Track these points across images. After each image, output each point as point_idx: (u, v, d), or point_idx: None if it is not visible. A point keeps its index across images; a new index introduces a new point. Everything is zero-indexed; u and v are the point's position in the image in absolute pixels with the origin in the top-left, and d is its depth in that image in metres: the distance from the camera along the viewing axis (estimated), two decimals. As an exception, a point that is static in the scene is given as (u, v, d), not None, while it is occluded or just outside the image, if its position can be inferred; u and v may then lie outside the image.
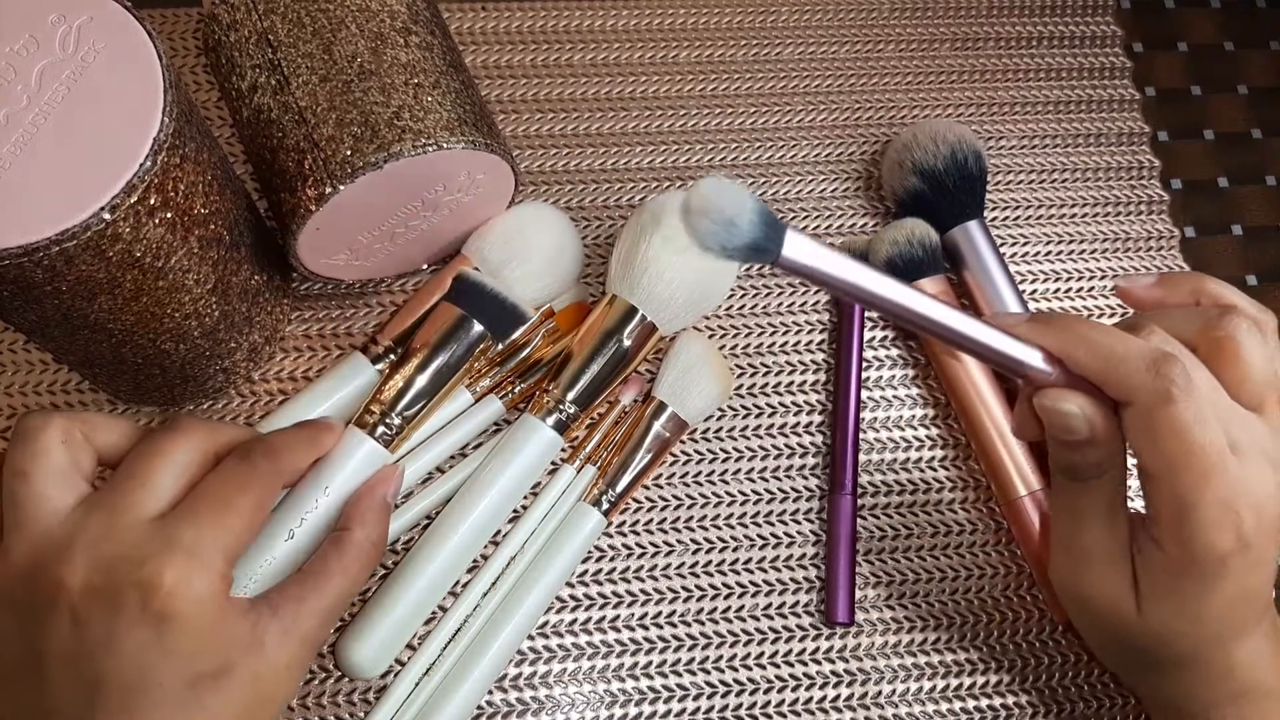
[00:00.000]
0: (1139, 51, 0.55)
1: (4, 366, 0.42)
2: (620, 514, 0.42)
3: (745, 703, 0.40)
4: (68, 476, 0.30)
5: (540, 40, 0.51)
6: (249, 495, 0.31)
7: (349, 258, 0.40)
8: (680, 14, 0.52)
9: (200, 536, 0.29)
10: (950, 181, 0.45)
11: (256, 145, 0.38)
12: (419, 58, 0.38)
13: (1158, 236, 0.50)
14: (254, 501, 0.31)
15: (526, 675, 0.40)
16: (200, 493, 0.30)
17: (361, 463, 0.37)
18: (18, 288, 0.29)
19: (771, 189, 0.49)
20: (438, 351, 0.39)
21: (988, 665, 0.42)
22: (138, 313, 0.33)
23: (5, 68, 0.29)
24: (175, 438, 0.31)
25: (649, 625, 0.41)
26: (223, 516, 0.30)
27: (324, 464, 0.36)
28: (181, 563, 0.28)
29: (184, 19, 0.48)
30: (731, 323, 0.46)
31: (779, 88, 0.51)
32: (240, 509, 0.30)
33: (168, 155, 0.30)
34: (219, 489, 0.30)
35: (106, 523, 0.29)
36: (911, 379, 0.46)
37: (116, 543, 0.28)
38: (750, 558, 0.42)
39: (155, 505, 0.30)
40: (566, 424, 0.41)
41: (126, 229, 0.29)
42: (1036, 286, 0.49)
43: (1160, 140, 0.53)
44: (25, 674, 0.28)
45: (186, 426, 0.31)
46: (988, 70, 0.53)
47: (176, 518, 0.29)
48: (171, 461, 0.30)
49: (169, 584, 0.28)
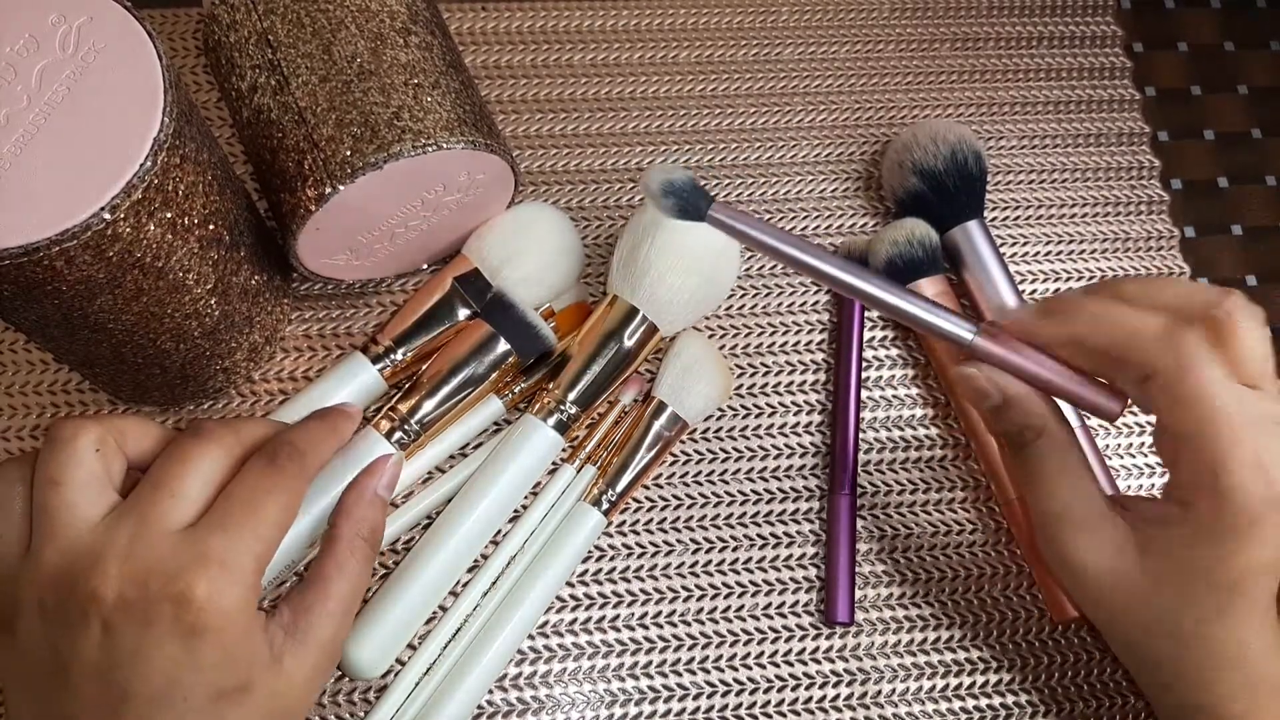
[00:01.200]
0: (1139, 51, 0.55)
1: (4, 366, 0.42)
2: (620, 514, 0.42)
3: (745, 702, 0.40)
4: (100, 485, 0.30)
5: (540, 40, 0.51)
6: (277, 499, 0.31)
7: (349, 258, 0.40)
8: (680, 14, 0.52)
9: (231, 546, 0.29)
10: (950, 182, 0.45)
11: (256, 145, 0.38)
12: (419, 58, 0.38)
13: (1158, 236, 0.50)
14: (282, 504, 0.31)
15: (527, 675, 0.40)
16: (229, 500, 0.30)
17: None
18: (18, 288, 0.29)
19: (771, 189, 0.49)
20: (464, 365, 0.40)
21: (988, 665, 0.42)
22: (138, 313, 0.33)
23: (5, 68, 0.30)
24: (202, 445, 0.31)
25: (649, 625, 0.41)
26: (253, 524, 0.30)
27: (339, 468, 0.37)
28: (215, 574, 0.28)
29: (184, 19, 0.48)
30: (731, 323, 0.46)
31: (779, 88, 0.51)
32: (269, 515, 0.30)
33: (168, 155, 0.30)
34: (247, 495, 0.30)
35: (138, 534, 0.29)
36: (911, 379, 0.46)
37: (149, 555, 0.28)
38: (750, 557, 0.42)
39: (185, 515, 0.30)
40: (567, 424, 0.41)
41: (127, 229, 0.29)
42: (1036, 286, 0.49)
43: (1160, 140, 0.53)
44: (51, 681, 0.28)
45: (212, 432, 0.31)
46: (988, 70, 0.53)
47: (207, 528, 0.29)
48: (199, 470, 0.30)
49: (201, 597, 0.28)
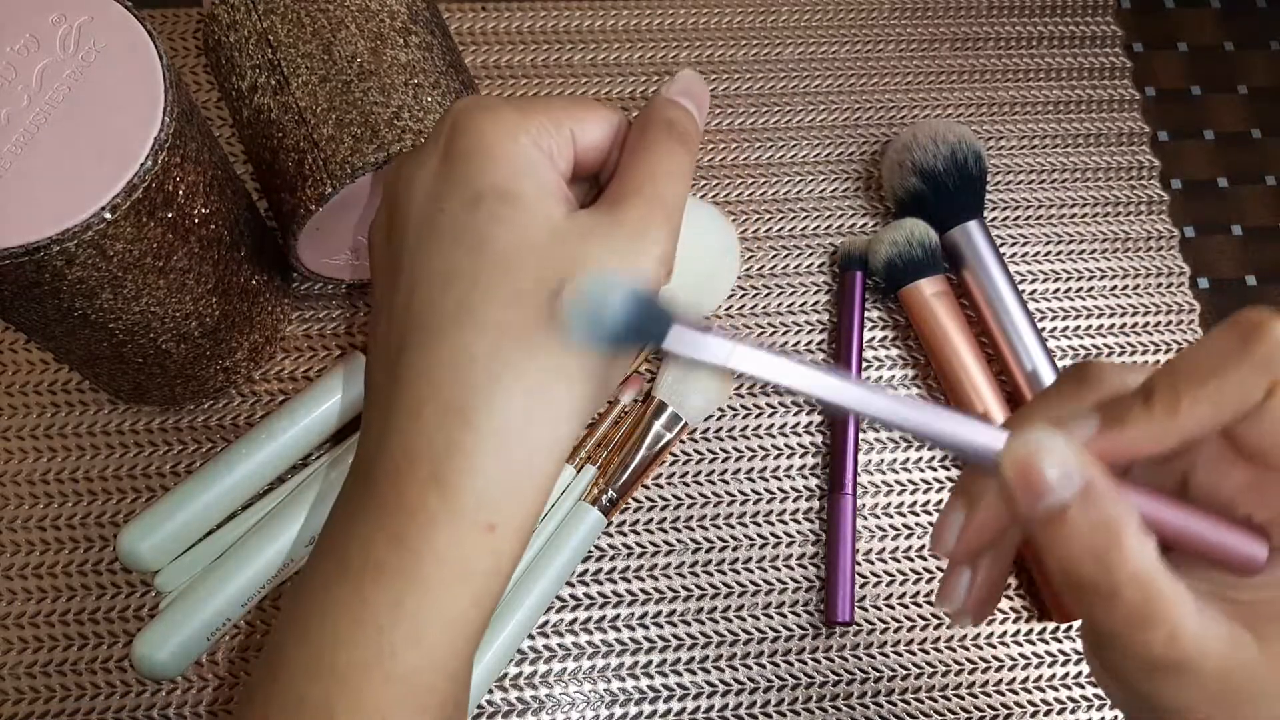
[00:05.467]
0: (1139, 51, 0.55)
1: (4, 366, 0.42)
2: (620, 513, 0.42)
3: (745, 701, 0.41)
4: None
5: (540, 41, 0.51)
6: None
7: (349, 258, 0.40)
8: (680, 14, 0.52)
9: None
10: (950, 181, 0.45)
11: (257, 145, 0.38)
12: (419, 58, 0.38)
13: (1157, 236, 0.50)
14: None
15: (527, 674, 0.40)
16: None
17: None
18: (19, 287, 0.29)
19: (771, 189, 0.49)
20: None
21: (987, 665, 0.42)
22: (139, 312, 0.33)
23: (6, 67, 0.30)
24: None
25: (649, 624, 0.41)
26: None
27: None
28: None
29: (184, 19, 0.48)
30: (731, 323, 0.46)
31: (779, 88, 0.51)
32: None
33: (168, 155, 0.30)
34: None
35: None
36: (911, 379, 0.46)
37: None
38: (750, 557, 0.42)
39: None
40: (566, 424, 0.41)
41: (127, 229, 0.29)
42: (1036, 286, 0.49)
43: (1160, 140, 0.53)
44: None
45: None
46: (988, 70, 0.53)
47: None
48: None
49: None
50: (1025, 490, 0.22)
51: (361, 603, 0.24)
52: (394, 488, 0.24)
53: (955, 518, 0.25)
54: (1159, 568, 0.21)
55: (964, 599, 0.26)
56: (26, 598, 0.39)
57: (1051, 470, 0.21)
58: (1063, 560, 0.22)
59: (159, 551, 0.38)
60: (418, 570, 0.24)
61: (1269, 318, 0.22)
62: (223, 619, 0.37)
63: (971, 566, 0.26)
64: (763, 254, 0.48)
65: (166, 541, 0.38)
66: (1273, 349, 0.22)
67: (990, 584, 0.26)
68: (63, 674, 0.39)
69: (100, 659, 0.39)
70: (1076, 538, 0.21)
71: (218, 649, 0.39)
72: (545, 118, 0.26)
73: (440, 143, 0.26)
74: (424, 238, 0.25)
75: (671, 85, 0.29)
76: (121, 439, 0.42)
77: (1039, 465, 0.21)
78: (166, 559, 0.38)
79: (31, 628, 0.39)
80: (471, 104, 0.26)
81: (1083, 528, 0.21)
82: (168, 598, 0.38)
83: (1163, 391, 0.22)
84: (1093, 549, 0.21)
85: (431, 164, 0.26)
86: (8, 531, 0.40)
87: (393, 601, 0.24)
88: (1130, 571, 0.21)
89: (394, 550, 0.24)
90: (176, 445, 0.42)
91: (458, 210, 0.25)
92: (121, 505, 0.41)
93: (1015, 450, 0.22)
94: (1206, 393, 0.22)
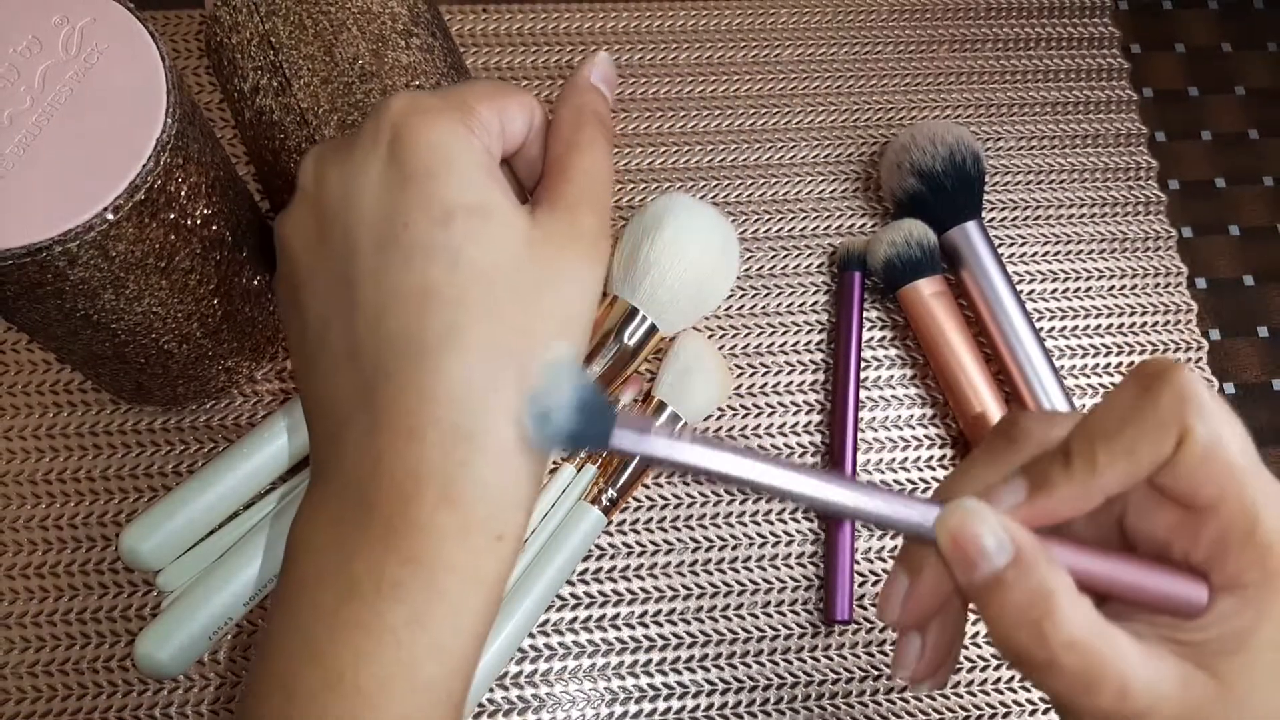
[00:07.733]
0: (1136, 53, 0.55)
1: (6, 366, 0.42)
2: (620, 512, 0.43)
3: (745, 699, 0.41)
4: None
5: (541, 42, 0.51)
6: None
7: (350, 258, 0.40)
8: (680, 16, 0.52)
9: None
10: (948, 182, 0.45)
11: (259, 147, 0.38)
12: (420, 60, 0.38)
13: (1155, 237, 0.50)
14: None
15: (527, 673, 0.40)
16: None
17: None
18: (21, 287, 0.30)
19: (771, 189, 0.49)
20: None
21: (987, 664, 0.42)
22: (141, 313, 0.33)
23: (9, 69, 0.30)
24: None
25: (649, 623, 0.41)
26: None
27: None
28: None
29: (187, 20, 0.48)
30: (731, 323, 0.46)
31: (778, 89, 0.51)
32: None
33: (170, 156, 0.30)
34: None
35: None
36: (910, 379, 0.46)
37: None
38: (750, 555, 0.43)
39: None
40: (567, 423, 0.41)
41: (129, 229, 0.29)
42: (1035, 287, 0.49)
43: (1158, 141, 0.53)
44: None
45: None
46: (986, 72, 0.53)
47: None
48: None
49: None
50: (960, 561, 0.23)
51: (379, 620, 0.24)
52: (401, 510, 0.24)
53: (899, 586, 0.26)
54: (1097, 628, 0.22)
55: (916, 665, 0.26)
56: (29, 597, 0.40)
57: (987, 539, 0.22)
58: (999, 634, 0.22)
59: (161, 551, 0.38)
60: (434, 585, 0.24)
61: (1168, 367, 0.23)
62: (224, 618, 0.37)
63: (921, 633, 0.26)
64: (762, 254, 0.48)
65: (168, 541, 0.38)
66: (1175, 399, 0.22)
67: (941, 648, 0.26)
68: (65, 673, 0.39)
69: (102, 658, 0.39)
70: (1010, 610, 0.22)
71: (219, 648, 0.39)
72: (484, 112, 0.26)
73: (381, 149, 0.25)
74: (389, 255, 0.25)
75: (594, 70, 0.29)
76: (123, 439, 0.42)
77: (971, 536, 0.22)
78: (168, 558, 0.38)
79: (34, 627, 0.39)
80: (409, 108, 0.25)
81: (1016, 598, 0.22)
82: (169, 597, 0.38)
83: (1080, 451, 0.23)
84: (1026, 620, 0.22)
85: (374, 172, 0.25)
86: (10, 531, 0.40)
87: (411, 617, 0.24)
88: (1064, 640, 0.21)
89: (408, 568, 0.24)
90: (178, 445, 0.42)
91: (427, 227, 0.24)
92: (123, 505, 0.41)
93: (948, 522, 0.23)
94: (1121, 448, 0.23)
